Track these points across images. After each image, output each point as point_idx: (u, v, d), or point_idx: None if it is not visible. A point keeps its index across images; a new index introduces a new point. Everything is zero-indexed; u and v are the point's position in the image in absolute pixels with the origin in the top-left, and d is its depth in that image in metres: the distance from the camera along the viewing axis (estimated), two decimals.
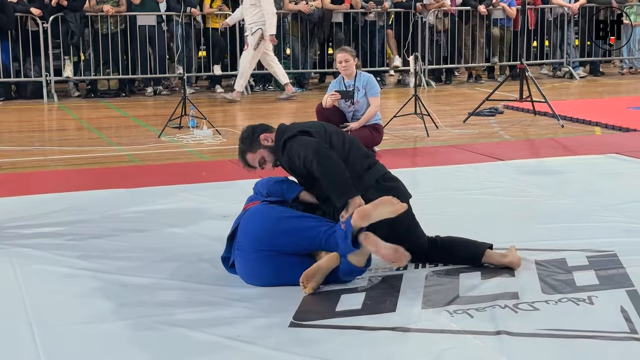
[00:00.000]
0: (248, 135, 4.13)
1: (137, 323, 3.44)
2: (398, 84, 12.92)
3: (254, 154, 4.12)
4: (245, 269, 3.87)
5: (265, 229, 3.83)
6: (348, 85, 7.18)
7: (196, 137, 8.08)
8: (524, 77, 9.31)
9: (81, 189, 5.87)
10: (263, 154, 4.11)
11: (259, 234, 3.83)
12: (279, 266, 3.82)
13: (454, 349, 3.16)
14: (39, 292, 3.81)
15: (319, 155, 3.86)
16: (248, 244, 3.83)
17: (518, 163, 6.71)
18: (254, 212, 3.94)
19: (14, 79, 11.04)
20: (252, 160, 4.13)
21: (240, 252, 3.86)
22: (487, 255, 4.08)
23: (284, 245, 3.82)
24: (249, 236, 3.84)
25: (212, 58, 11.92)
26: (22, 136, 8.46)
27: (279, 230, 3.82)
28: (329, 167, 3.85)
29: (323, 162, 3.85)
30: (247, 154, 4.13)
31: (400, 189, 4.13)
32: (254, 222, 3.88)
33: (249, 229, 3.86)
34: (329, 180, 3.86)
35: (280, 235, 3.81)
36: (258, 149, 4.10)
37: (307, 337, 3.30)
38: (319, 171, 3.86)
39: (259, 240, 3.82)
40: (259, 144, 4.10)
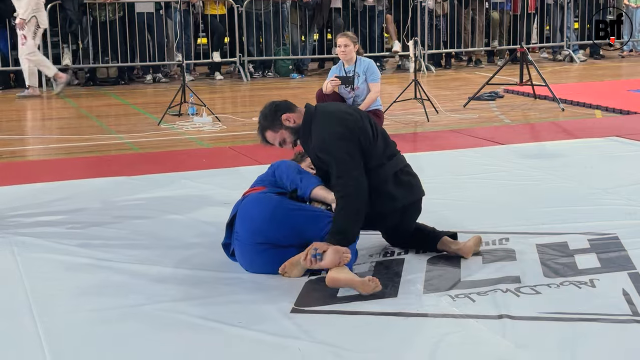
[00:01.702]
0: (270, 112, 3.96)
1: (139, 311, 3.44)
2: (398, 69, 12.89)
3: (274, 133, 3.97)
4: (245, 259, 3.87)
5: (263, 221, 3.78)
6: (348, 71, 7.15)
7: (196, 124, 8.06)
8: (524, 60, 9.28)
9: (81, 177, 5.86)
10: (284, 134, 3.96)
11: (256, 227, 3.79)
12: (278, 258, 3.80)
13: (456, 333, 3.16)
14: (41, 281, 3.80)
15: (352, 189, 3.71)
16: (246, 236, 3.81)
17: (519, 147, 6.70)
18: (252, 202, 3.87)
19: (13, 68, 11.01)
20: (271, 139, 3.99)
21: (239, 242, 3.85)
22: (442, 242, 4.04)
23: (281, 239, 3.80)
24: (247, 228, 3.82)
25: (211, 45, 11.89)
26: (21, 125, 8.44)
27: (277, 224, 3.78)
28: (353, 208, 3.71)
29: (351, 200, 3.71)
30: (268, 132, 3.98)
31: (415, 186, 4.08)
32: (251, 213, 3.83)
33: (246, 221, 3.83)
34: (343, 217, 3.71)
35: (277, 229, 3.78)
36: (280, 128, 3.95)
37: (309, 322, 3.30)
38: (341, 204, 3.71)
39: (257, 233, 3.79)
40: (280, 124, 3.94)
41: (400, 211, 3.99)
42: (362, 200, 3.75)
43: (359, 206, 3.74)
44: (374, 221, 3.96)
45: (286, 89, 10.93)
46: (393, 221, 4.02)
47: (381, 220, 3.99)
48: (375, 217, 3.92)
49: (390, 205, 3.93)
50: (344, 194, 3.72)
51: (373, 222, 3.96)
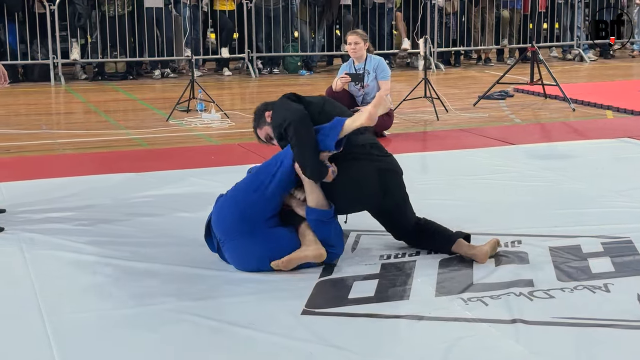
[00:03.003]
0: (258, 111, 4.23)
1: (146, 310, 3.41)
2: (407, 66, 12.84)
3: (261, 129, 4.21)
4: (239, 258, 3.83)
5: (233, 210, 3.83)
6: (358, 68, 7.12)
7: (204, 121, 8.03)
8: (534, 60, 9.23)
9: (90, 173, 5.83)
10: (267, 130, 4.16)
11: (231, 219, 3.82)
12: (268, 241, 3.79)
13: (469, 337, 3.12)
14: (49, 278, 3.78)
15: (295, 123, 3.83)
16: (229, 234, 3.81)
17: (529, 147, 6.66)
18: (219, 206, 3.93)
19: (21, 62, 10.99)
20: (261, 136, 4.23)
21: (226, 244, 3.83)
22: (458, 244, 4.01)
23: (255, 210, 3.80)
24: (226, 227, 3.83)
25: (219, 40, 11.85)
26: (30, 119, 8.42)
27: (244, 199, 3.83)
28: (303, 138, 3.83)
29: (298, 132, 3.83)
30: (257, 130, 4.25)
31: (393, 161, 4.10)
32: (223, 212, 3.88)
33: (221, 223, 3.86)
34: (302, 153, 3.83)
35: (246, 204, 3.81)
36: (264, 125, 4.17)
37: (319, 324, 3.26)
38: (293, 139, 3.84)
39: (234, 223, 3.81)
40: (264, 121, 4.16)
41: (378, 175, 3.95)
42: (302, 120, 3.85)
43: (304, 129, 3.83)
44: (356, 191, 3.94)
45: (294, 86, 10.88)
46: (374, 187, 3.95)
47: (363, 187, 3.95)
48: (355, 185, 3.92)
49: (368, 166, 3.93)
50: (295, 125, 3.82)
51: (356, 192, 3.94)
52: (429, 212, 4.69)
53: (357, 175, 3.93)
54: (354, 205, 4.04)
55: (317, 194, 3.88)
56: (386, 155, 4.09)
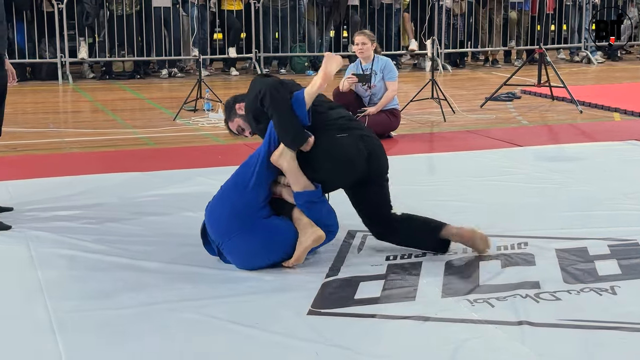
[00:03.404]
0: (228, 104, 4.29)
1: (153, 309, 3.41)
2: (414, 67, 12.83)
3: (232, 122, 4.26)
4: (240, 256, 3.83)
5: (224, 207, 3.85)
6: (365, 69, 7.11)
7: (211, 120, 8.03)
8: (542, 61, 9.21)
9: (97, 171, 5.85)
10: (239, 122, 4.22)
11: (223, 217, 3.84)
12: (265, 233, 3.80)
13: (475, 339, 3.12)
14: (55, 277, 3.79)
15: (271, 91, 3.86)
16: (226, 234, 3.82)
17: (536, 149, 6.65)
18: (208, 211, 3.95)
19: (29, 60, 11.02)
20: (233, 128, 4.28)
21: (225, 245, 3.84)
22: (447, 229, 4.04)
23: (246, 201, 3.82)
24: (221, 228, 3.84)
25: (227, 40, 11.86)
26: (37, 118, 8.44)
27: (231, 195, 3.87)
28: (280, 103, 3.85)
29: (274, 98, 3.85)
30: (228, 122, 4.30)
31: (372, 133, 4.14)
32: (215, 213, 3.90)
33: (215, 226, 3.88)
34: (280, 118, 3.86)
35: (236, 197, 3.84)
36: (234, 117, 4.22)
37: (325, 325, 3.26)
38: (270, 106, 3.87)
39: (228, 220, 3.82)
40: (235, 113, 4.21)
41: (361, 139, 3.98)
42: (277, 87, 3.89)
43: (279, 95, 3.86)
44: (342, 156, 3.94)
45: None
46: (359, 150, 3.96)
47: (347, 151, 3.95)
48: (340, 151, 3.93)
49: (349, 133, 3.96)
50: (271, 93, 3.86)
51: (342, 157, 3.94)
52: (435, 213, 4.67)
53: (340, 141, 3.94)
54: (340, 175, 3.98)
55: (300, 178, 3.88)
56: (357, 125, 4.13)
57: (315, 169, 3.92)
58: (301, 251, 3.83)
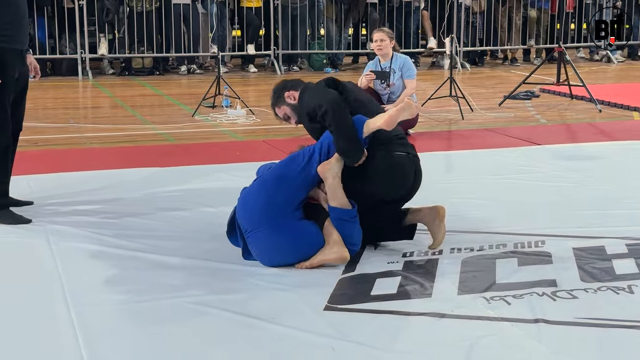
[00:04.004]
0: (277, 89, 4.28)
1: (171, 303, 3.44)
2: (432, 65, 12.82)
3: (279, 108, 4.26)
4: (263, 250, 3.85)
5: (260, 198, 3.86)
6: (384, 67, 7.12)
7: (230, 117, 8.07)
8: (561, 60, 9.18)
9: (117, 167, 5.89)
10: (286, 110, 4.23)
11: (258, 207, 3.84)
12: (294, 235, 3.81)
13: (491, 336, 3.12)
14: (75, 270, 3.83)
15: (333, 108, 3.86)
16: (255, 224, 3.83)
17: (555, 148, 6.63)
18: (244, 196, 3.96)
19: (50, 56, 11.10)
20: (279, 114, 4.29)
21: (251, 235, 3.86)
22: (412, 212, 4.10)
23: (283, 198, 3.82)
24: (252, 217, 3.85)
25: (245, 37, 11.89)
26: (57, 113, 8.51)
27: (271, 188, 3.85)
28: (343, 122, 3.85)
29: (337, 116, 3.85)
30: (275, 108, 4.30)
31: (417, 156, 4.13)
32: (249, 199, 3.91)
33: (247, 213, 3.88)
34: (341, 136, 3.85)
35: (275, 192, 3.83)
36: (282, 104, 4.23)
37: (341, 320, 3.28)
38: (333, 124, 3.87)
39: (261, 211, 3.83)
40: (283, 100, 4.21)
41: (413, 162, 4.02)
42: (340, 105, 3.88)
43: (341, 113, 3.86)
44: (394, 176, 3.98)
45: None
46: (410, 173, 4.01)
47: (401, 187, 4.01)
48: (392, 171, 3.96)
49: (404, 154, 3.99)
50: (332, 110, 3.85)
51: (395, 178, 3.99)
52: (452, 211, 4.69)
53: (398, 159, 3.97)
54: (390, 191, 4.01)
55: (339, 195, 3.88)
56: (409, 143, 4.14)
57: (366, 180, 3.93)
58: (319, 260, 3.83)
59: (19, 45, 4.51)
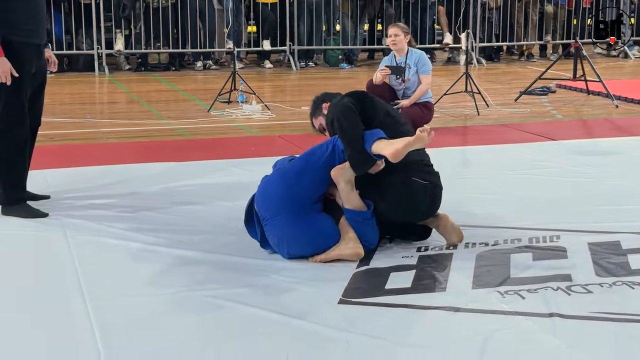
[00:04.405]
0: (316, 100, 4.32)
1: (187, 296, 3.46)
2: (448, 61, 12.79)
3: (316, 119, 4.30)
4: (281, 239, 3.86)
5: (280, 188, 3.88)
6: (399, 62, 7.11)
7: (245, 112, 8.09)
8: (578, 55, 9.14)
9: (133, 161, 5.92)
10: (321, 121, 4.25)
11: (277, 196, 3.86)
12: (312, 227, 3.83)
13: (505, 330, 3.12)
14: (92, 263, 3.85)
15: (342, 116, 3.86)
16: (274, 211, 3.85)
17: (571, 143, 6.61)
18: (264, 185, 3.99)
19: (66, 52, 11.16)
20: (316, 125, 4.32)
21: (269, 223, 3.87)
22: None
23: (303, 190, 3.84)
24: (271, 205, 3.87)
25: (261, 33, 11.91)
26: (74, 108, 8.55)
27: (293, 180, 3.87)
28: (348, 131, 3.83)
29: (343, 125, 3.84)
30: (312, 118, 4.34)
31: (438, 177, 4.10)
32: (268, 188, 3.93)
33: (266, 200, 3.90)
34: (347, 145, 3.84)
35: (295, 183, 3.85)
36: (319, 115, 4.26)
37: (356, 314, 3.29)
38: (339, 132, 3.88)
39: (280, 201, 3.85)
40: (320, 111, 4.23)
41: (430, 192, 3.99)
42: (344, 113, 3.86)
43: (346, 121, 3.84)
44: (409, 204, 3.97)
45: (335, 79, 10.91)
46: (424, 203, 4.00)
47: (410, 214, 4.00)
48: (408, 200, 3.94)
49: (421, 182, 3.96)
50: (339, 115, 3.86)
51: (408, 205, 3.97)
52: (468, 207, 4.71)
53: (414, 186, 3.93)
54: (397, 214, 3.99)
55: (352, 198, 3.89)
56: (434, 171, 4.10)
57: (377, 197, 3.92)
58: (334, 255, 3.84)
59: (37, 39, 4.53)
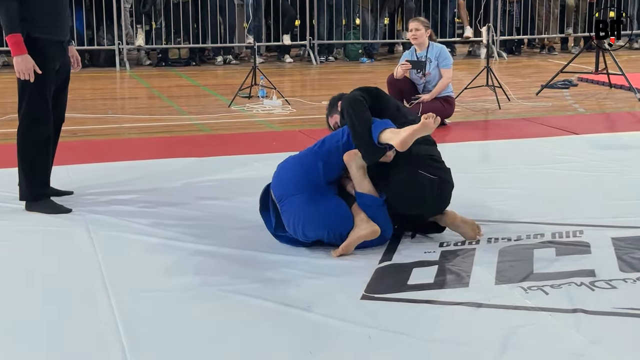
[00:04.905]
0: (333, 99, 4.36)
1: (209, 292, 3.48)
2: (469, 54, 12.74)
3: (331, 117, 4.34)
4: (296, 219, 3.88)
5: (296, 170, 3.94)
6: (420, 56, 7.10)
7: (266, 107, 8.10)
8: (600, 48, 9.07)
9: (154, 157, 5.95)
10: (337, 119, 4.26)
11: (293, 177, 3.93)
12: (327, 208, 3.87)
13: (529, 325, 3.11)
14: (115, 259, 3.88)
15: (348, 105, 3.90)
16: (287, 190, 3.91)
17: (593, 137, 6.57)
18: (280, 170, 4.06)
19: (88, 47, 11.21)
20: (331, 124, 4.34)
21: (285, 202, 3.90)
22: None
23: (318, 172, 3.88)
24: (288, 185, 3.93)
25: (281, 27, 11.91)
26: (96, 104, 8.60)
27: (308, 162, 3.92)
28: (355, 120, 3.86)
29: (350, 113, 3.88)
30: (328, 117, 4.38)
31: (449, 173, 4.08)
32: (284, 170, 4.01)
33: (282, 182, 3.97)
34: (354, 134, 3.88)
35: (311, 166, 3.90)
36: (334, 113, 4.29)
37: (379, 309, 3.29)
38: (347, 121, 3.91)
39: (297, 181, 3.91)
40: (336, 109, 4.26)
41: (438, 186, 3.97)
42: (352, 102, 3.91)
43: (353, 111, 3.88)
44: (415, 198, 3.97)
45: (355, 73, 10.90)
46: (425, 211, 4.02)
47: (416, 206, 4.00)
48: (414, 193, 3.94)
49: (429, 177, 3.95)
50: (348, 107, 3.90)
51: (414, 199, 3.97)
52: (490, 201, 4.70)
53: (421, 180, 3.93)
54: (404, 206, 4.00)
55: (365, 183, 3.91)
56: (444, 167, 4.08)
57: (385, 187, 3.94)
58: (353, 239, 3.86)
59: (60, 36, 4.56)
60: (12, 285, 3.62)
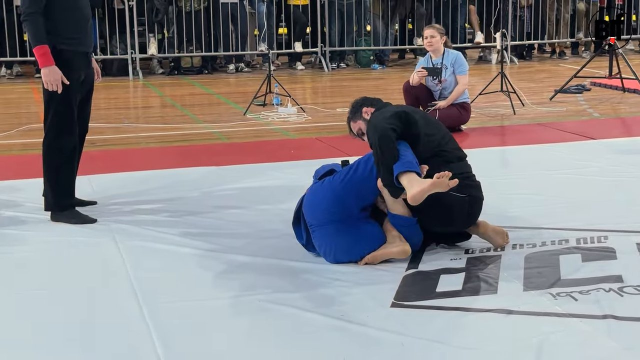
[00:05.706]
0: (356, 104, 4.30)
1: (238, 301, 3.50)
2: (479, 60, 12.76)
3: (355, 123, 4.28)
4: (328, 247, 3.89)
5: (328, 198, 3.90)
6: (436, 63, 7.12)
7: (281, 115, 8.13)
8: (613, 53, 9.08)
9: (173, 166, 5.98)
10: (360, 125, 4.24)
11: (325, 205, 3.89)
12: (358, 236, 3.86)
13: (560, 332, 3.12)
14: (144, 269, 3.90)
15: (379, 140, 3.79)
16: (319, 219, 3.89)
17: (610, 142, 6.58)
18: (311, 194, 4.01)
19: (101, 56, 11.26)
20: (354, 129, 4.30)
21: (316, 230, 3.91)
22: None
23: (351, 200, 3.87)
24: (318, 212, 3.91)
25: (293, 35, 11.95)
26: (111, 113, 8.63)
27: (340, 191, 3.88)
28: (382, 162, 3.79)
29: (376, 152, 3.81)
30: (350, 122, 4.32)
31: (479, 188, 4.07)
32: (316, 197, 3.96)
33: (313, 207, 3.94)
34: (380, 171, 3.82)
35: (343, 193, 3.87)
36: (358, 119, 4.25)
37: (409, 317, 3.31)
38: (375, 158, 3.84)
39: (328, 210, 3.88)
40: (360, 115, 4.22)
41: (470, 205, 3.97)
42: (382, 140, 3.78)
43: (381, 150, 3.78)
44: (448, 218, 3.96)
45: (367, 80, 10.93)
46: (463, 217, 3.99)
47: (446, 225, 4.01)
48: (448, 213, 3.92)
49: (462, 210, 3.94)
50: (378, 143, 3.78)
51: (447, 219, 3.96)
52: (511, 208, 4.71)
53: (451, 200, 3.88)
54: (434, 224, 4.00)
55: (398, 208, 3.91)
56: (474, 183, 4.06)
57: (417, 207, 3.86)
58: (382, 253, 3.87)
59: (84, 48, 4.61)
60: (41, 297, 3.61)
